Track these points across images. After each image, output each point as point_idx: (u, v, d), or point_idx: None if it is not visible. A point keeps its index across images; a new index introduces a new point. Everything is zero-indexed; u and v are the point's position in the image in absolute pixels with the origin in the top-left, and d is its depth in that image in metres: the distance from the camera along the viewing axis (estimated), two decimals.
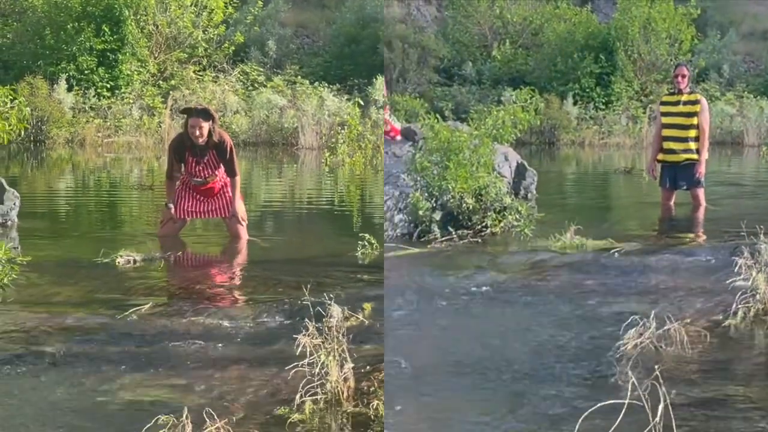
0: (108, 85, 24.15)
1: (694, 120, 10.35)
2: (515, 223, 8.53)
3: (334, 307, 4.88)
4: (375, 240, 7.93)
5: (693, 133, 10.38)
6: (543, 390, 4.55)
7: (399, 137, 10.78)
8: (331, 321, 4.75)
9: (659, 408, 3.74)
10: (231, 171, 8.82)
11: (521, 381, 4.71)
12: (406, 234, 8.48)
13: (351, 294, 6.46)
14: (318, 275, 7.18)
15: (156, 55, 26.15)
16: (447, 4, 31.88)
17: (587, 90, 26.73)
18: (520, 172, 11.48)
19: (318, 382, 4.40)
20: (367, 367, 4.90)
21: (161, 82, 25.66)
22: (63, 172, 17.97)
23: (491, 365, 4.97)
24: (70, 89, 23.32)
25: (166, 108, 23.28)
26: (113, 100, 23.75)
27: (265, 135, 24.10)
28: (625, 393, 3.80)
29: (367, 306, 5.86)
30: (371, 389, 4.60)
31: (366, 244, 7.86)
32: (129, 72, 24.68)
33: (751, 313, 5.75)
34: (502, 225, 8.57)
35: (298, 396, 4.32)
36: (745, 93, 28.22)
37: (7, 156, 19.01)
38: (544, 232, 8.28)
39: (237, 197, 8.93)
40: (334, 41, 29.01)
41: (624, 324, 5.20)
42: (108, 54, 24.33)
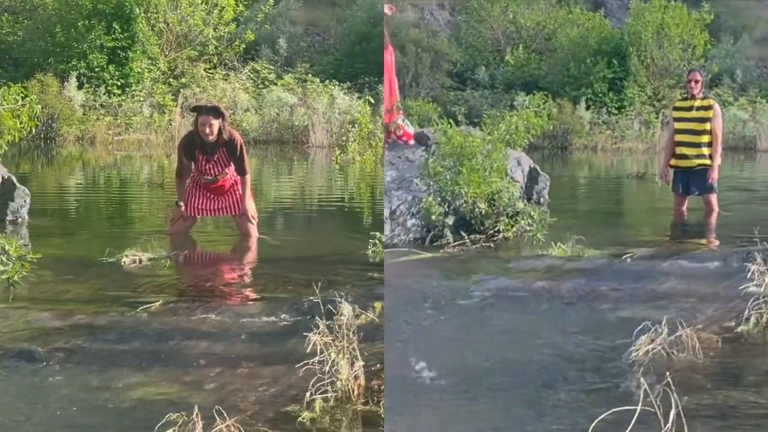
0: (118, 83, 24.13)
1: (707, 125, 10.34)
2: (528, 228, 8.52)
3: (344, 305, 4.89)
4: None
5: (706, 139, 10.37)
6: (554, 396, 4.56)
7: (412, 142, 10.78)
8: (342, 319, 4.77)
9: (671, 414, 3.74)
10: (241, 169, 8.84)
11: (532, 386, 4.71)
12: (418, 238, 8.49)
13: (361, 292, 6.48)
14: (328, 273, 7.20)
15: (166, 53, 26.14)
16: (460, 8, 31.86)
17: (600, 95, 26.68)
18: (532, 176, 11.48)
19: (328, 380, 4.42)
20: (378, 366, 4.91)
21: (172, 79, 25.65)
22: (73, 169, 18.01)
23: (502, 371, 4.98)
24: (80, 87, 23.31)
25: (176, 106, 23.29)
26: (124, 97, 23.74)
27: (276, 133, 24.10)
28: (637, 399, 3.81)
29: (378, 304, 5.87)
30: (382, 387, 4.62)
31: (377, 242, 7.86)
32: (139, 70, 24.65)
33: (764, 320, 5.74)
34: (514, 230, 8.57)
35: (308, 394, 4.35)
36: (758, 98, 28.13)
37: (18, 153, 19.03)
38: (556, 237, 8.27)
39: (247, 195, 8.95)
40: (344, 39, 28.95)
41: (636, 330, 5.21)
42: (118, 52, 24.31)
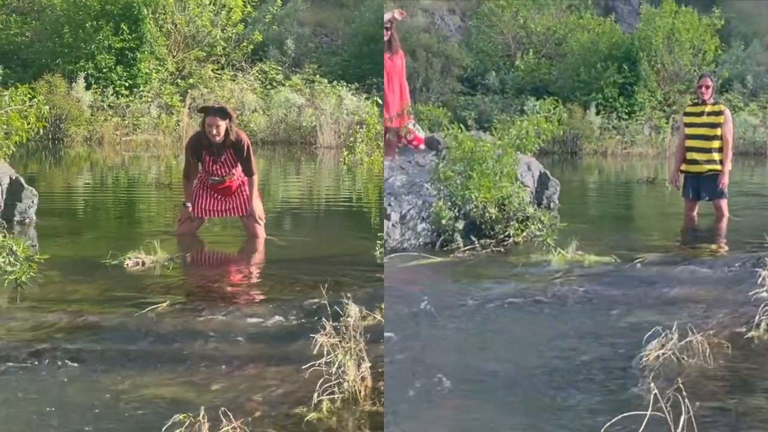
0: (126, 84, 24.19)
1: (717, 131, 10.35)
2: (538, 233, 8.52)
3: (351, 307, 4.89)
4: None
5: (716, 144, 10.38)
6: (564, 400, 4.56)
7: (422, 146, 10.79)
8: (349, 320, 4.77)
9: (681, 419, 3.75)
10: (248, 170, 8.84)
11: (542, 391, 4.71)
12: (428, 243, 8.49)
13: (368, 293, 6.49)
14: (336, 274, 7.20)
15: (174, 54, 26.18)
16: (471, 13, 31.88)
17: (610, 100, 26.65)
18: (542, 181, 11.48)
19: (335, 381, 4.42)
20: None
21: (179, 80, 25.70)
22: (81, 170, 18.04)
23: (512, 375, 4.98)
24: (88, 87, 23.36)
25: (184, 106, 23.34)
26: (131, 98, 23.79)
27: (284, 134, 24.13)
28: (647, 404, 3.81)
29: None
30: None
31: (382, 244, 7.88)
32: (147, 70, 24.71)
33: None
34: (524, 234, 8.58)
35: (315, 395, 4.34)
36: None
37: (26, 154, 19.05)
38: (566, 242, 8.27)
39: (254, 196, 8.95)
40: (352, 40, 28.97)
41: (646, 335, 5.21)
42: (126, 52, 24.36)
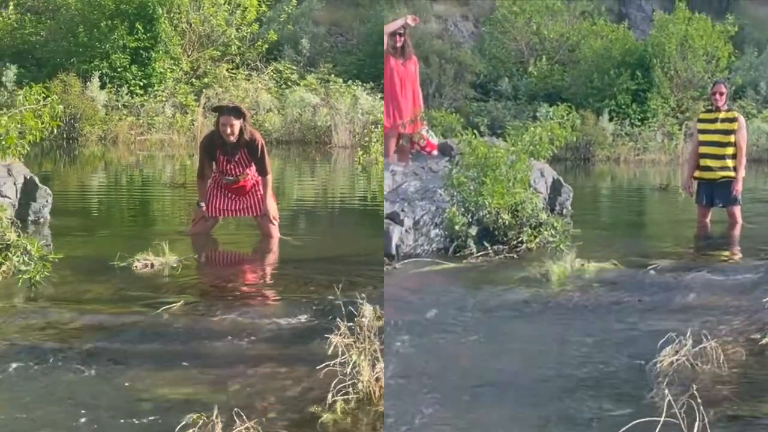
0: (141, 83, 24.29)
1: (731, 138, 10.34)
2: (551, 239, 8.52)
3: (366, 307, 4.88)
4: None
5: (730, 151, 10.37)
6: (578, 406, 4.56)
7: (435, 152, 10.79)
8: (363, 320, 4.75)
9: (695, 426, 3.75)
10: (262, 170, 8.84)
11: (555, 397, 4.71)
12: (441, 249, 8.50)
13: (383, 293, 6.50)
14: (350, 274, 7.24)
15: (189, 53, 26.24)
16: (484, 20, 31.88)
17: (623, 106, 26.62)
18: (555, 188, 11.48)
19: (350, 381, 4.42)
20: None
21: (194, 80, 25.76)
22: (95, 169, 18.12)
23: (525, 381, 4.98)
24: (103, 87, 23.47)
25: (198, 106, 23.38)
26: (146, 97, 23.88)
27: (298, 133, 24.16)
28: (661, 410, 3.81)
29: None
30: None
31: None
32: (162, 70, 24.79)
33: None
34: (537, 241, 8.58)
35: (329, 395, 4.34)
36: None
37: (40, 153, 19.13)
38: (579, 248, 8.27)
39: (268, 196, 8.95)
40: (367, 39, 28.96)
41: (660, 341, 5.20)
42: (141, 52, 24.45)
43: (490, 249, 8.32)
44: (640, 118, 26.69)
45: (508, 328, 6.19)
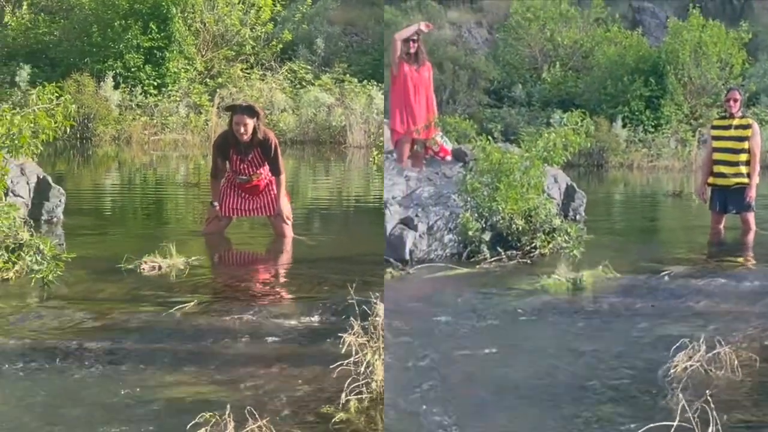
0: (155, 83, 24.16)
1: (745, 144, 10.33)
2: (564, 245, 8.54)
3: (379, 306, 4.90)
4: None
5: (744, 157, 10.36)
6: (591, 411, 4.57)
7: (449, 158, 10.82)
8: (377, 320, 4.77)
9: (709, 431, 3.76)
10: (276, 169, 8.84)
11: (569, 402, 4.73)
12: (455, 254, 8.52)
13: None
14: (364, 274, 7.24)
15: (203, 53, 26.15)
16: (498, 26, 31.87)
17: (637, 113, 26.56)
18: (569, 193, 11.48)
19: (363, 381, 4.43)
20: None
21: (208, 79, 25.67)
22: (109, 169, 18.15)
23: (539, 386, 4.99)
24: (116, 87, 23.35)
25: (213, 106, 23.32)
26: (160, 97, 23.77)
27: (313, 133, 24.03)
28: (675, 415, 3.82)
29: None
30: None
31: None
32: (176, 70, 24.66)
33: None
34: (551, 246, 8.59)
35: (343, 395, 4.36)
36: None
37: (54, 153, 19.13)
38: (593, 254, 8.28)
39: (282, 196, 8.95)
40: (382, 39, 28.97)
41: (674, 347, 5.21)
42: (155, 51, 24.33)
43: (503, 254, 8.34)
44: (653, 124, 26.64)
45: (520, 333, 6.20)
